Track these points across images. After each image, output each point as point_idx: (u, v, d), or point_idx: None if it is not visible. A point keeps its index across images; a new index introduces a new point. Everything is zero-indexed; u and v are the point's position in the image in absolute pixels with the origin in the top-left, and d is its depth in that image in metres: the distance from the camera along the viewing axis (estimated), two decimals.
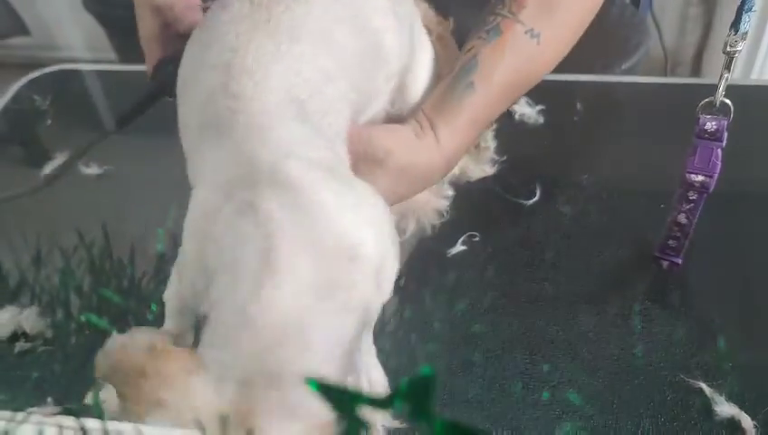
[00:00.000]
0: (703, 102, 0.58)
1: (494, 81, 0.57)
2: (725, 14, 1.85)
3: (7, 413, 0.34)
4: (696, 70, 2.00)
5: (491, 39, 0.57)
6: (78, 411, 0.34)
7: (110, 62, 2.03)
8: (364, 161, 0.52)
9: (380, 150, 0.53)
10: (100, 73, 1.02)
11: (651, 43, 1.20)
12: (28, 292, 0.65)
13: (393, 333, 0.59)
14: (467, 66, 0.57)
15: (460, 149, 0.58)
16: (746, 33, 0.54)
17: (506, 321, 0.61)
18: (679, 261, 0.64)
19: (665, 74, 1.54)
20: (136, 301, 0.62)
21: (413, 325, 0.60)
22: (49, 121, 0.90)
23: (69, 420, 0.33)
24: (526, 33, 0.57)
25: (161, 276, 0.64)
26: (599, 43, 1.17)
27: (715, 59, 1.90)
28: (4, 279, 0.66)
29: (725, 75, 0.55)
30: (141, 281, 0.65)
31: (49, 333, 0.62)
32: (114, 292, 0.63)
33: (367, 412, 0.20)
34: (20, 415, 0.34)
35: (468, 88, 0.57)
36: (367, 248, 0.40)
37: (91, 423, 0.33)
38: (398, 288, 0.53)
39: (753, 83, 1.21)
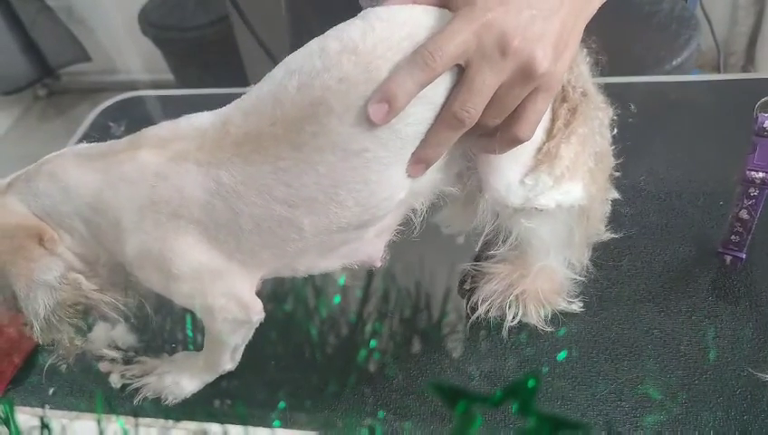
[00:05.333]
0: (761, 102, 0.59)
1: None
2: None
3: None
4: (750, 58, 1.96)
5: None
6: None
7: (168, 81, 2.11)
8: None
9: None
10: (163, 99, 1.07)
11: (702, 36, 1.20)
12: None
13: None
14: None
15: None
16: None
17: (578, 321, 0.63)
18: (743, 256, 0.65)
19: (718, 66, 1.53)
20: None
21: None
22: None
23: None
24: None
25: None
26: (649, 40, 1.17)
27: None
28: None
29: None
30: None
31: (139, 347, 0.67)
32: None
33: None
34: None
35: None
36: None
37: None
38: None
39: None
